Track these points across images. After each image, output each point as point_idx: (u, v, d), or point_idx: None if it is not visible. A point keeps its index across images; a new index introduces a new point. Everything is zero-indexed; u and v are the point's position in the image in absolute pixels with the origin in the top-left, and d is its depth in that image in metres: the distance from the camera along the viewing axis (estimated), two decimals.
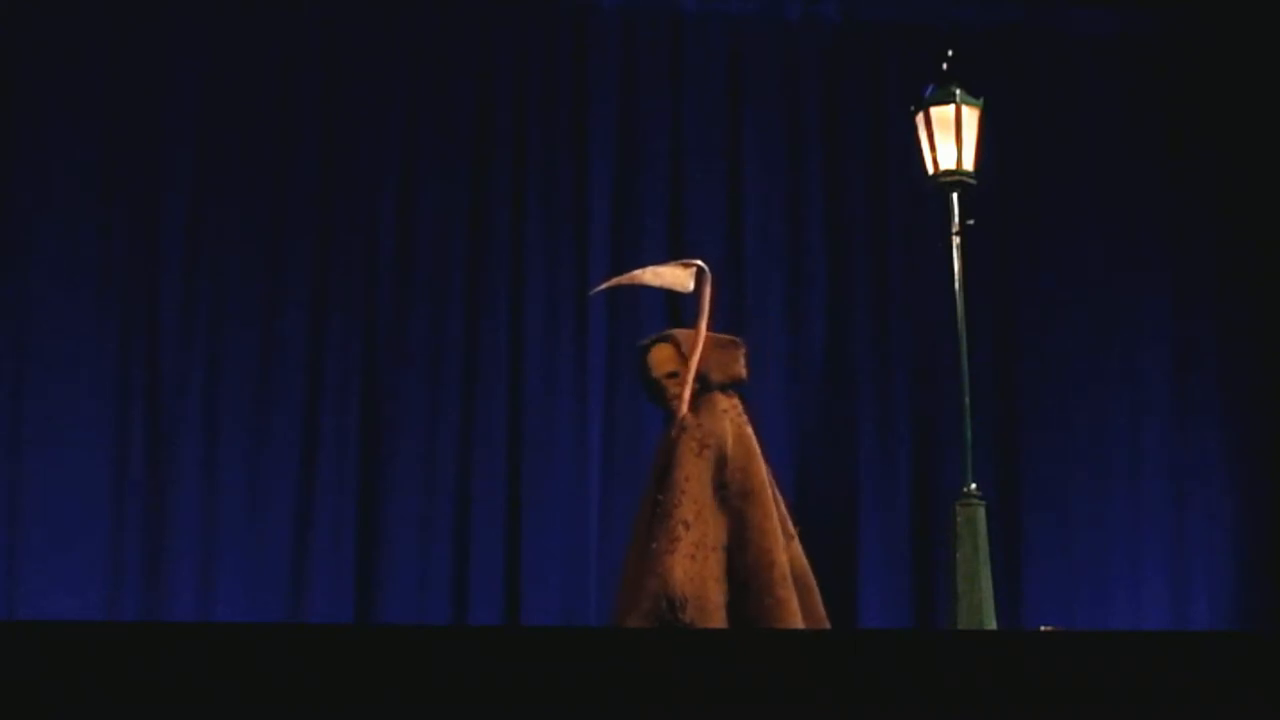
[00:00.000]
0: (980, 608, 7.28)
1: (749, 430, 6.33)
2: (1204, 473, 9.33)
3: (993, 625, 7.31)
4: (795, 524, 6.32)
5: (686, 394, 6.32)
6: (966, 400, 7.63)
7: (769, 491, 6.23)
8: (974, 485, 7.50)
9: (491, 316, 9.02)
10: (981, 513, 7.45)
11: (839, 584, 8.90)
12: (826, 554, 8.92)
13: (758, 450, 6.30)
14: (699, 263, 6.49)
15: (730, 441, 6.22)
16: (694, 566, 6.04)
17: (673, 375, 6.38)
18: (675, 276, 6.61)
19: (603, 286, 7.08)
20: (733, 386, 6.40)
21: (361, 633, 5.61)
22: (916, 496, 9.11)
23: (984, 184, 7.86)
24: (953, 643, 5.18)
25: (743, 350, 6.50)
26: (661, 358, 6.41)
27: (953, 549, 7.42)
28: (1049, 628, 7.36)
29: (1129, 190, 9.52)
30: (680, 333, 6.49)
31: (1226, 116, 9.54)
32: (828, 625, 6.14)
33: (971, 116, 7.76)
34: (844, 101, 9.47)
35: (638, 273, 6.74)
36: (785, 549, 6.19)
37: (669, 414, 6.43)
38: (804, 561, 6.27)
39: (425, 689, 4.23)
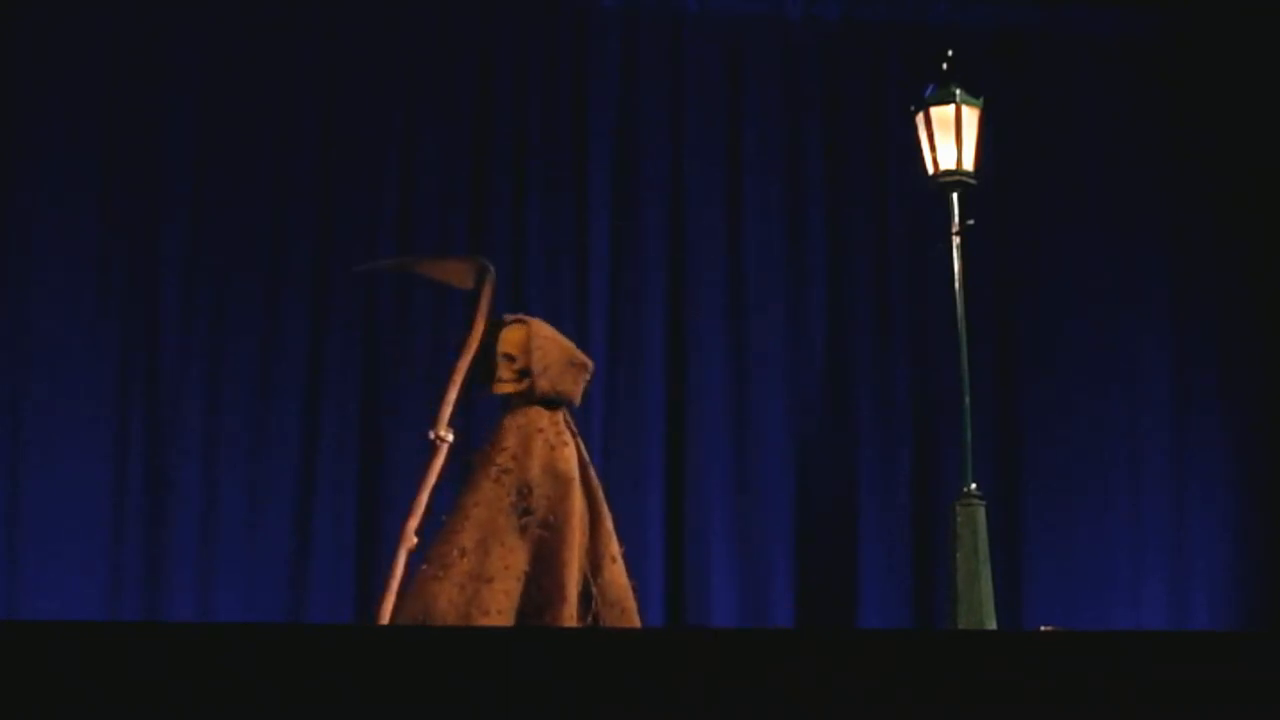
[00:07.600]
0: (980, 608, 7.27)
1: (569, 452, 6.01)
2: (1204, 473, 9.33)
3: (993, 625, 7.31)
4: (621, 544, 6.08)
5: (451, 401, 6.07)
6: (966, 400, 7.63)
7: (576, 522, 5.90)
8: (974, 485, 7.49)
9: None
10: (981, 513, 7.44)
11: (839, 584, 8.94)
12: (826, 554, 8.99)
13: (575, 475, 5.98)
14: (483, 260, 6.28)
15: (537, 468, 5.94)
16: (461, 597, 5.78)
17: (509, 359, 6.08)
18: (456, 271, 6.40)
19: (372, 267, 6.72)
20: (563, 405, 6.10)
21: (361, 633, 5.60)
22: (916, 496, 9.10)
23: (984, 184, 7.86)
24: (953, 643, 5.17)
25: (587, 376, 6.18)
26: (513, 339, 6.13)
27: (953, 549, 7.41)
28: (1049, 628, 7.35)
29: (1129, 190, 9.51)
30: (536, 324, 6.19)
31: (1226, 116, 9.54)
32: None
33: (971, 116, 7.75)
34: (844, 101, 9.46)
35: (417, 260, 6.51)
36: (601, 574, 5.89)
37: (485, 393, 6.23)
38: (624, 584, 5.95)
39: (426, 689, 4.23)
